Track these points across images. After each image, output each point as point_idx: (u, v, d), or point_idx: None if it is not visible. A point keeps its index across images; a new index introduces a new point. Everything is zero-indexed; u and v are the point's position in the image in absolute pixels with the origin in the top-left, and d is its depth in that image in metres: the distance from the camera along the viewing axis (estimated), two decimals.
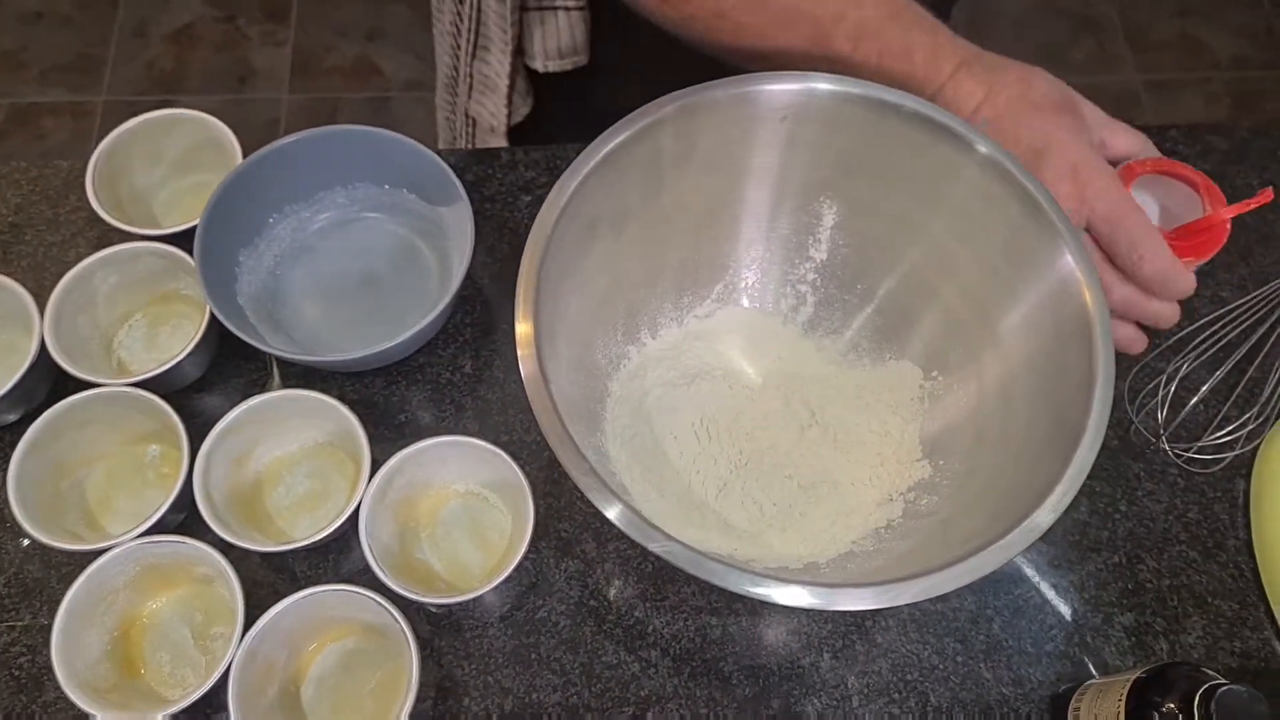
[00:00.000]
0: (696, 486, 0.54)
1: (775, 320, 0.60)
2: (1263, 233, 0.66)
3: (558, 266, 0.49)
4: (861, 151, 0.53)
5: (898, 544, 0.52)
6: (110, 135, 0.60)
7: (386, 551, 0.53)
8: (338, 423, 0.55)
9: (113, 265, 0.57)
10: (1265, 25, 1.78)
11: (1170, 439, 0.59)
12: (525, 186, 0.65)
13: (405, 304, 0.61)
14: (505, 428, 0.59)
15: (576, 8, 0.67)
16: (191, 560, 0.52)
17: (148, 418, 0.55)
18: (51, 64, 1.69)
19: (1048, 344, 0.49)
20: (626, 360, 0.58)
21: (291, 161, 0.59)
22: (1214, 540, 0.58)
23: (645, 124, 0.50)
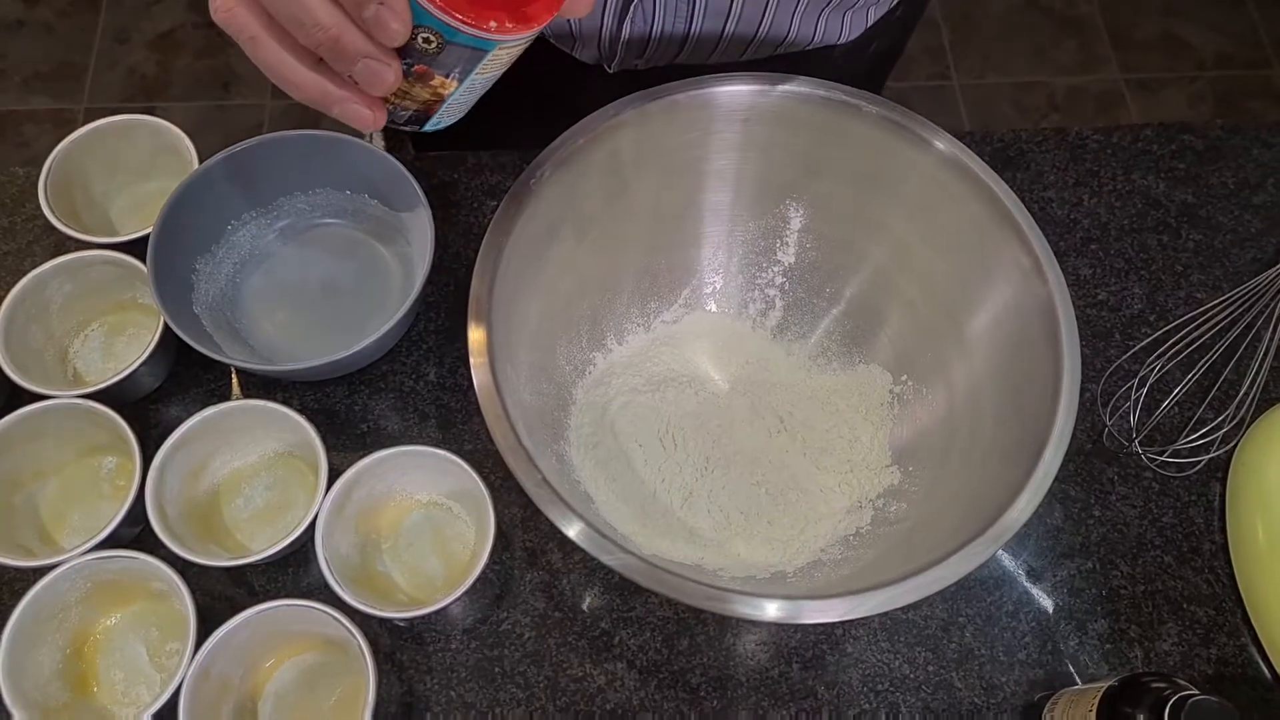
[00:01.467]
0: (662, 494, 0.53)
1: (744, 325, 0.59)
2: (1237, 234, 0.66)
3: (516, 271, 0.49)
4: (824, 153, 0.52)
5: (866, 552, 0.51)
6: (63, 142, 0.59)
7: (346, 564, 0.52)
8: (296, 432, 0.54)
9: (66, 274, 0.56)
10: (1248, 24, 1.77)
11: (1144, 442, 0.58)
12: (490, 190, 0.65)
13: (367, 311, 0.60)
14: (470, 436, 0.58)
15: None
16: (145, 575, 0.51)
17: (101, 430, 0.54)
18: (33, 71, 1.68)
19: (1013, 344, 0.48)
20: (591, 367, 0.57)
21: (250, 167, 0.58)
22: (1189, 545, 0.57)
23: (604, 126, 0.49)
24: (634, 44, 0.62)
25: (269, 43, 0.37)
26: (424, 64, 0.38)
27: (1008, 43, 1.74)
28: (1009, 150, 0.68)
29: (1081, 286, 0.63)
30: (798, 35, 0.62)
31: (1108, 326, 0.62)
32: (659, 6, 0.59)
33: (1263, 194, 0.67)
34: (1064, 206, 0.66)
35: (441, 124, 0.42)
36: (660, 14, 0.59)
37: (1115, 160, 0.68)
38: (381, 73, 0.37)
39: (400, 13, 0.34)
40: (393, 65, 0.37)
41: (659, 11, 0.59)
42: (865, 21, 0.64)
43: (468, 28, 0.36)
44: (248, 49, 0.37)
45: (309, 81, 0.38)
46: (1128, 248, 0.65)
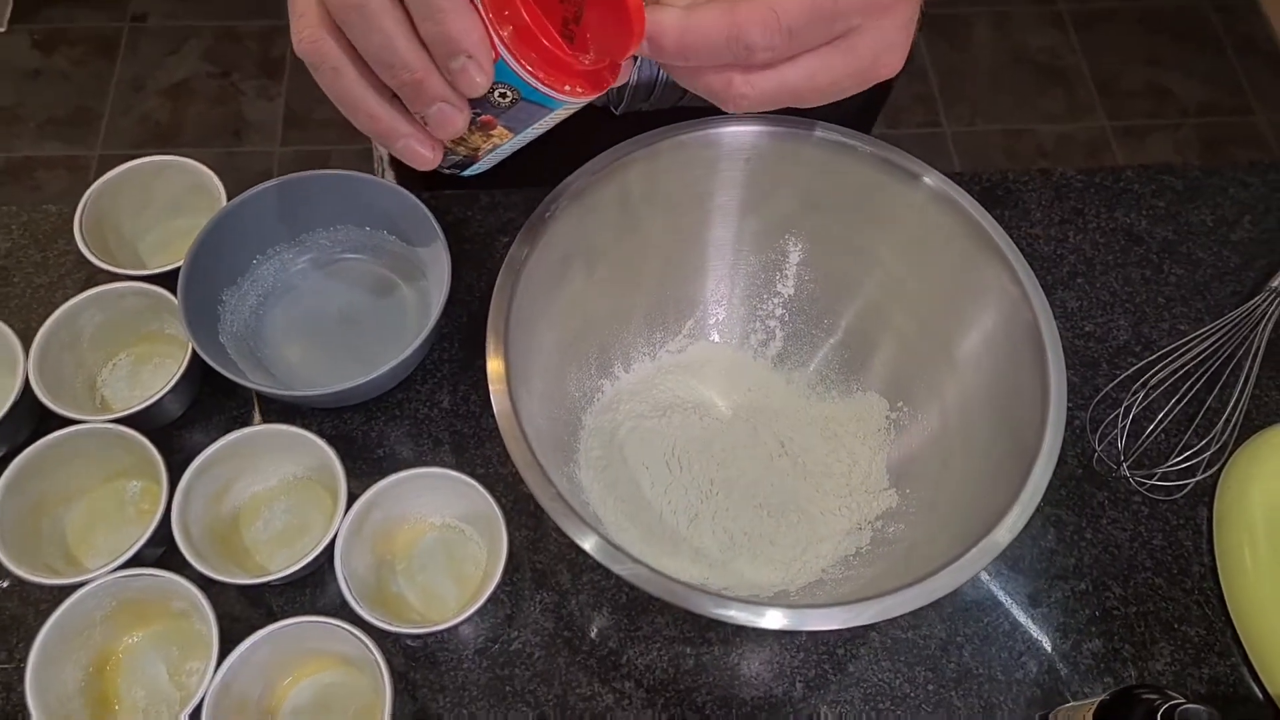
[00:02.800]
0: (668, 516, 0.55)
1: (745, 354, 0.62)
2: (1217, 268, 0.68)
3: (530, 302, 0.51)
4: (822, 190, 0.55)
5: (866, 570, 0.53)
6: (99, 181, 0.62)
7: (363, 584, 0.54)
8: (315, 457, 0.56)
9: (98, 305, 0.59)
10: (1230, 73, 1.83)
11: (1132, 467, 0.60)
12: (503, 227, 0.67)
13: (384, 342, 0.62)
14: (481, 461, 0.60)
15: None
16: (167, 594, 0.53)
17: (128, 454, 0.56)
18: (48, 118, 1.72)
19: (1002, 369, 0.50)
20: (600, 393, 0.59)
21: (275, 204, 0.60)
22: (1179, 567, 0.59)
23: (614, 164, 0.52)
24: (641, 87, 0.65)
25: (350, 76, 0.38)
26: (491, 114, 0.39)
27: (996, 91, 1.80)
28: (996, 190, 0.71)
29: (1069, 318, 0.66)
30: None
31: (1095, 356, 0.65)
32: None
33: (1240, 231, 0.70)
34: (1050, 243, 0.69)
35: (480, 170, 0.44)
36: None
37: (1098, 199, 0.71)
38: (454, 118, 0.38)
39: (485, 68, 0.36)
40: (465, 112, 0.38)
41: None
42: None
43: (545, 88, 0.38)
44: (326, 79, 0.38)
45: (383, 115, 0.39)
46: (1112, 281, 0.68)
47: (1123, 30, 1.87)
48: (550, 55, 0.37)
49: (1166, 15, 1.89)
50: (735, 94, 0.38)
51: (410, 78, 0.37)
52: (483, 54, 0.36)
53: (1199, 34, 1.87)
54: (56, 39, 1.80)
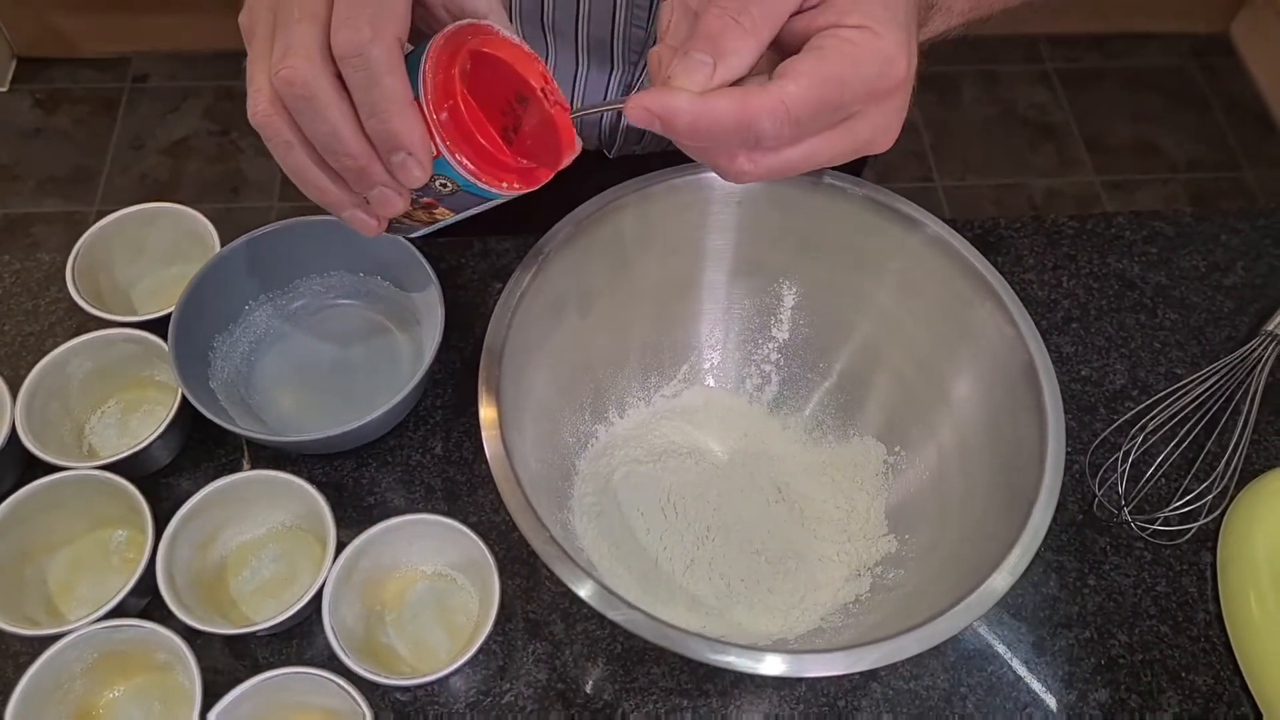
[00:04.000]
0: (664, 562, 0.54)
1: (741, 399, 0.61)
2: (1211, 313, 0.68)
3: (523, 345, 0.51)
4: (816, 233, 0.55)
5: (866, 618, 0.52)
6: (93, 228, 0.62)
7: (351, 634, 0.53)
8: (305, 504, 0.55)
9: (87, 352, 0.58)
10: (1216, 130, 1.86)
11: (1133, 512, 0.60)
12: (497, 273, 0.67)
13: (377, 388, 0.62)
14: (474, 508, 0.59)
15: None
16: (150, 646, 0.51)
17: (115, 501, 0.55)
18: (48, 176, 1.74)
19: (1000, 411, 0.50)
20: (594, 439, 0.58)
21: (269, 250, 0.60)
22: (1184, 614, 0.58)
23: (608, 207, 0.52)
24: (633, 132, 0.66)
25: (299, 152, 0.40)
26: (432, 198, 0.41)
27: (987, 147, 1.82)
28: (989, 236, 0.71)
29: (1065, 363, 0.66)
30: None
31: (1092, 401, 0.65)
32: None
33: (1233, 276, 0.70)
34: (1044, 288, 0.69)
35: (423, 234, 0.46)
36: None
37: (1091, 245, 0.71)
38: (394, 202, 0.40)
39: (424, 164, 0.38)
40: (404, 196, 0.40)
41: None
42: None
43: (481, 184, 0.39)
44: (278, 151, 0.40)
45: (329, 189, 0.41)
46: (1107, 326, 0.68)
47: (1110, 88, 1.90)
48: (487, 154, 0.39)
49: (1152, 74, 1.93)
50: (738, 170, 0.40)
51: (354, 164, 0.39)
52: (422, 151, 0.38)
53: (1185, 92, 1.90)
54: (59, 99, 1.83)
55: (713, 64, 0.36)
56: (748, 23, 0.36)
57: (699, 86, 0.36)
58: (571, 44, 0.59)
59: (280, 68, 0.37)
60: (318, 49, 0.37)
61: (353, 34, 0.36)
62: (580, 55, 0.60)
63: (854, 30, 0.37)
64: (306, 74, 0.37)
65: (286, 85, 0.37)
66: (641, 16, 0.57)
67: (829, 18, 0.37)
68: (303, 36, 0.37)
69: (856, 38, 0.37)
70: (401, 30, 0.38)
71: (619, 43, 0.59)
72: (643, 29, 0.58)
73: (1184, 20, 1.93)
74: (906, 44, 0.38)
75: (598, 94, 0.64)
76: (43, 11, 1.77)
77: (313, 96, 0.37)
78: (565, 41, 0.59)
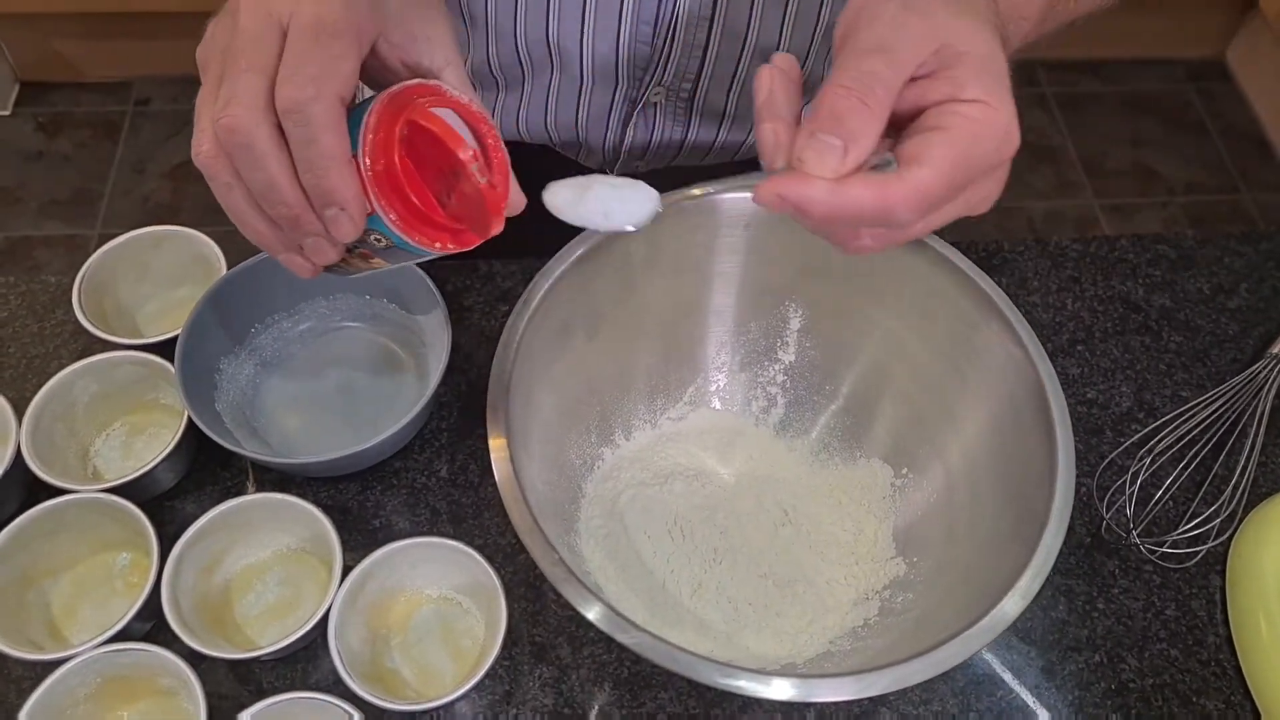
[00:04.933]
0: (671, 586, 0.54)
1: (747, 422, 0.61)
2: (1216, 336, 0.69)
3: (530, 368, 0.51)
4: (821, 256, 0.55)
5: (875, 642, 0.52)
6: (99, 251, 0.62)
7: (356, 658, 0.52)
8: (310, 527, 0.55)
9: (92, 374, 0.58)
10: (1214, 153, 1.87)
11: (1142, 535, 0.59)
12: (502, 296, 0.67)
13: (383, 411, 0.61)
14: (479, 531, 0.59)
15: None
16: (154, 670, 0.51)
17: (119, 525, 0.55)
18: (49, 199, 1.74)
19: (1008, 434, 0.50)
20: (600, 461, 0.58)
21: (274, 273, 0.60)
22: (1194, 637, 0.58)
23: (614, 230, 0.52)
24: (635, 149, 0.66)
25: (238, 195, 0.40)
26: (367, 249, 0.42)
27: None
28: (993, 259, 0.71)
29: (1071, 385, 0.66)
30: None
31: (1099, 423, 0.64)
32: (659, 113, 0.63)
33: (1237, 299, 0.70)
34: (1049, 310, 0.69)
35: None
36: (661, 120, 0.64)
37: (1094, 268, 0.71)
38: (326, 251, 0.42)
39: (357, 220, 0.39)
40: (337, 247, 0.41)
41: (659, 118, 0.63)
42: None
43: (414, 243, 0.40)
44: (219, 191, 0.41)
45: (266, 232, 0.42)
46: (1113, 349, 0.68)
47: (1107, 112, 1.91)
48: (419, 213, 0.40)
49: (1150, 98, 1.94)
50: (859, 245, 0.41)
51: (288, 212, 0.40)
52: (355, 207, 0.39)
53: (1182, 116, 1.92)
54: (61, 122, 1.83)
55: (844, 148, 0.36)
56: (874, 103, 0.36)
57: (832, 172, 0.36)
58: (576, 61, 0.60)
59: (222, 116, 0.38)
60: (261, 100, 0.38)
61: (295, 91, 0.37)
62: (585, 72, 0.61)
63: (973, 105, 0.37)
64: (247, 124, 0.38)
65: (227, 133, 0.38)
66: (646, 33, 0.58)
67: (945, 90, 0.37)
68: (247, 87, 0.38)
69: (977, 114, 0.37)
70: (344, 89, 0.39)
71: (624, 60, 0.59)
72: (647, 45, 0.58)
73: (1180, 46, 1.95)
74: (1015, 111, 0.38)
75: (602, 110, 0.64)
76: (46, 36, 1.78)
77: (251, 146, 0.38)
78: (570, 59, 0.60)
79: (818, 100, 0.37)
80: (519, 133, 0.67)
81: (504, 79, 0.63)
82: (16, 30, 1.78)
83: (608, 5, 0.56)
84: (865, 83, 0.36)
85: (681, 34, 0.57)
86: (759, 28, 0.57)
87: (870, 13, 0.38)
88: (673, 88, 0.61)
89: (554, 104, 0.64)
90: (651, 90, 0.61)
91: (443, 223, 0.41)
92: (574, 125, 0.65)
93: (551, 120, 0.65)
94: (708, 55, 0.58)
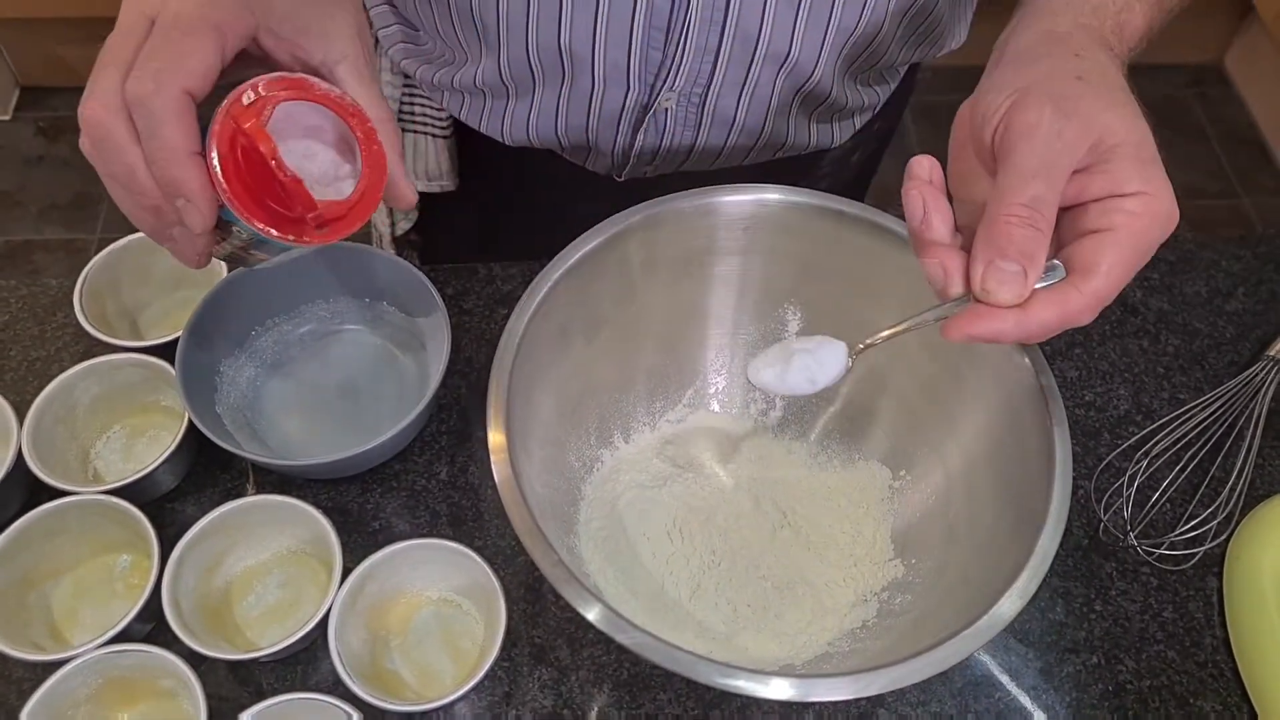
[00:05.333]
0: (670, 588, 0.54)
1: (746, 424, 0.61)
2: (1214, 339, 0.69)
3: (530, 370, 0.51)
4: (819, 258, 0.55)
5: (873, 644, 0.52)
6: (100, 253, 0.62)
7: (356, 660, 0.52)
8: (310, 528, 0.55)
9: (94, 376, 0.58)
10: (1213, 159, 1.87)
11: (1139, 536, 0.60)
12: (502, 299, 0.68)
13: (383, 413, 0.62)
14: (479, 533, 0.59)
15: (442, 135, 0.72)
16: (155, 672, 0.51)
17: (120, 526, 0.55)
18: (50, 203, 1.74)
19: (1006, 433, 0.50)
20: (600, 463, 0.58)
21: (275, 276, 0.61)
22: (1191, 639, 0.58)
23: (613, 233, 0.53)
24: (645, 154, 0.66)
25: (115, 185, 0.41)
26: (243, 243, 0.43)
27: None
28: None
29: (1069, 388, 0.66)
30: (795, 140, 0.67)
31: (1096, 426, 0.65)
32: (670, 118, 0.63)
33: (1234, 302, 0.70)
34: None
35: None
36: (671, 126, 0.64)
37: None
38: (191, 241, 0.43)
39: (203, 211, 0.40)
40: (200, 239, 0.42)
41: (670, 123, 0.64)
42: (854, 126, 0.71)
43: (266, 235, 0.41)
44: (105, 182, 0.42)
45: (143, 219, 0.43)
46: (1110, 351, 0.68)
47: None
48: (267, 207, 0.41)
49: (1148, 103, 1.92)
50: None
51: (148, 203, 0.41)
52: (201, 199, 0.40)
53: (1181, 121, 1.92)
54: (61, 127, 1.83)
55: (1024, 273, 0.38)
56: (1044, 226, 0.38)
57: (1016, 298, 0.38)
58: (588, 66, 0.60)
59: (83, 109, 0.39)
60: (116, 94, 0.39)
61: (136, 85, 0.39)
62: (596, 77, 0.61)
63: (1134, 199, 0.39)
64: (102, 118, 0.39)
65: (86, 125, 0.39)
66: (659, 39, 0.58)
67: (1104, 186, 0.39)
68: (105, 81, 0.39)
69: (1139, 208, 0.39)
70: (193, 83, 0.39)
71: (636, 64, 0.60)
72: (659, 50, 0.59)
73: (1178, 51, 1.95)
74: (1171, 190, 0.40)
75: (613, 115, 0.64)
76: (46, 41, 1.79)
77: (107, 139, 0.39)
78: (582, 64, 0.60)
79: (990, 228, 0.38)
80: (528, 138, 0.67)
81: (515, 87, 0.64)
82: (17, 35, 1.78)
83: (620, 10, 0.56)
84: (1035, 208, 0.38)
85: (694, 38, 0.57)
86: (771, 31, 0.57)
87: (1025, 123, 0.39)
88: (684, 92, 0.61)
89: (564, 110, 0.64)
90: (663, 95, 0.61)
91: (292, 216, 0.41)
92: (584, 130, 0.65)
93: (562, 126, 0.65)
94: (719, 59, 0.59)
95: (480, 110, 0.67)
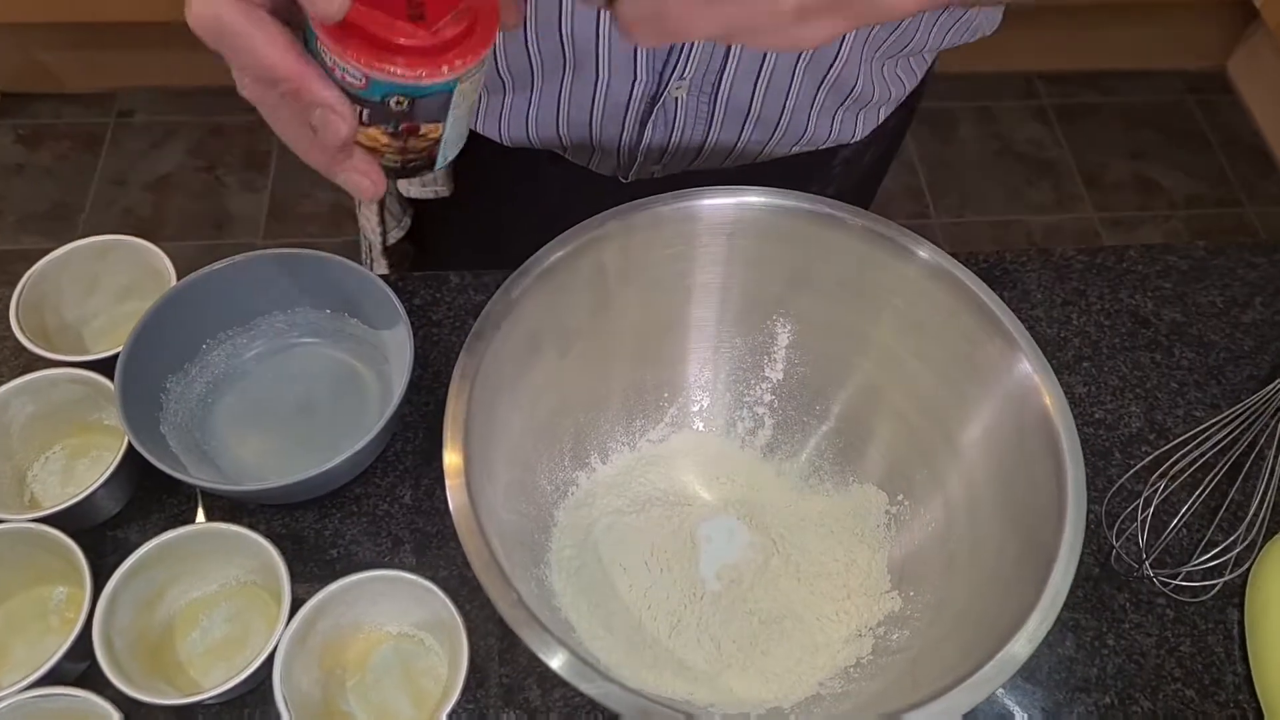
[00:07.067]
0: (648, 623, 0.50)
1: (732, 444, 0.58)
2: (1231, 352, 0.65)
3: (496, 385, 0.47)
4: (812, 266, 0.51)
5: (868, 684, 0.48)
6: (39, 263, 0.58)
7: (307, 701, 0.48)
8: (259, 558, 0.51)
9: (29, 394, 0.54)
10: (1215, 166, 1.84)
11: (1154, 565, 0.56)
12: (474, 310, 0.64)
13: (343, 432, 0.57)
14: (445, 562, 0.55)
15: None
16: (87, 717, 0.47)
17: (54, 556, 0.51)
18: (28, 212, 1.71)
19: (1012, 459, 0.46)
20: (574, 487, 0.54)
21: (228, 286, 0.57)
22: (1210, 676, 0.54)
23: (587, 239, 0.49)
24: (653, 151, 0.63)
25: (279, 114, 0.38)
26: (407, 122, 0.38)
27: (984, 183, 1.80)
28: (994, 270, 0.68)
29: (1077, 405, 0.62)
30: (814, 134, 0.63)
31: (1106, 445, 0.61)
32: (680, 111, 0.59)
33: (1252, 312, 0.67)
34: (1053, 325, 0.65)
35: (449, 157, 0.42)
36: (681, 119, 0.60)
37: (1101, 280, 0.68)
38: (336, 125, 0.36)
39: (345, 115, 0.36)
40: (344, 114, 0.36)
41: (680, 116, 0.60)
42: (877, 119, 0.66)
43: (426, 80, 0.36)
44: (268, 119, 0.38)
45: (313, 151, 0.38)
46: (1121, 365, 0.64)
47: (1106, 124, 1.89)
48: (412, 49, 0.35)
49: (1149, 110, 1.91)
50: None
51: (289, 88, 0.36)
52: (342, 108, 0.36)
53: (1182, 128, 1.89)
54: (43, 134, 1.80)
55: None
56: None
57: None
58: (592, 55, 0.56)
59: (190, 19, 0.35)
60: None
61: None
62: (600, 67, 0.57)
63: None
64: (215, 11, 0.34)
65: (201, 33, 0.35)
66: None
67: None
68: None
69: None
70: None
71: (643, 52, 0.56)
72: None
73: (1181, 57, 1.92)
74: None
75: (618, 109, 0.60)
76: (28, 46, 1.75)
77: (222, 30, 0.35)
78: (585, 53, 0.56)
79: None
80: (527, 138, 0.63)
81: (511, 80, 0.60)
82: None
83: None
84: None
85: None
86: None
87: None
88: (695, 81, 0.57)
89: (566, 103, 0.60)
90: (673, 84, 0.57)
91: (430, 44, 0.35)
92: (588, 125, 0.61)
93: (564, 122, 0.61)
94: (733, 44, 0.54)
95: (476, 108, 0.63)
